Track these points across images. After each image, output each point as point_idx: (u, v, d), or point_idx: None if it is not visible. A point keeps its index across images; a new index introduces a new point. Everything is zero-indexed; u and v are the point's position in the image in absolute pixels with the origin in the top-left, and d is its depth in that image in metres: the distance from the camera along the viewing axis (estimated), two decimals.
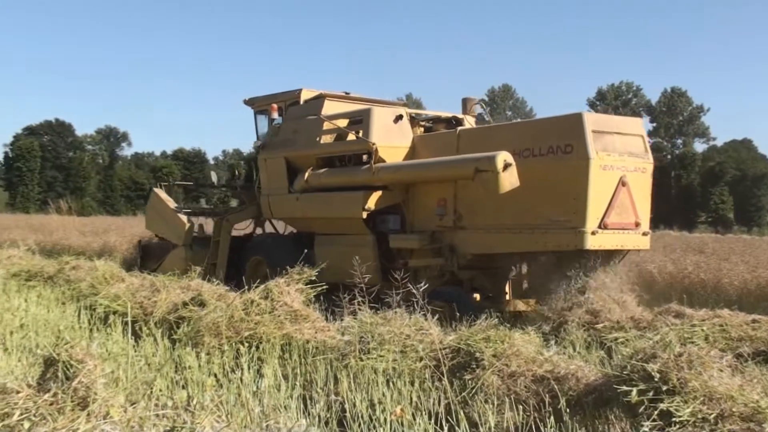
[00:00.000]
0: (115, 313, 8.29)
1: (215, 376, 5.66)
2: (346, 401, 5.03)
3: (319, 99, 11.90)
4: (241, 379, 5.33)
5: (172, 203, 14.03)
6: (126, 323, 7.45)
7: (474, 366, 5.36)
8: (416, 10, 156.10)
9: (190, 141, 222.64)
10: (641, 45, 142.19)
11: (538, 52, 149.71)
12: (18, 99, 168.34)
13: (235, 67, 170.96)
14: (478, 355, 5.42)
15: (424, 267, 9.87)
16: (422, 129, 11.41)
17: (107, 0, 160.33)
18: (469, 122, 11.78)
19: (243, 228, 13.90)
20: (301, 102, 12.29)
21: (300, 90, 12.39)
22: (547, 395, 4.90)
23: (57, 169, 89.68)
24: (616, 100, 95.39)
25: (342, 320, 6.84)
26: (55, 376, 3.41)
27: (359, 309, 6.57)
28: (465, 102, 12.14)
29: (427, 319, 6.18)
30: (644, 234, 9.15)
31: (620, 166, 8.67)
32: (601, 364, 5.88)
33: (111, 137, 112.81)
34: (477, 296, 9.84)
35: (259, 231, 14.08)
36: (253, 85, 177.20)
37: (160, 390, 4.96)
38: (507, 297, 10.06)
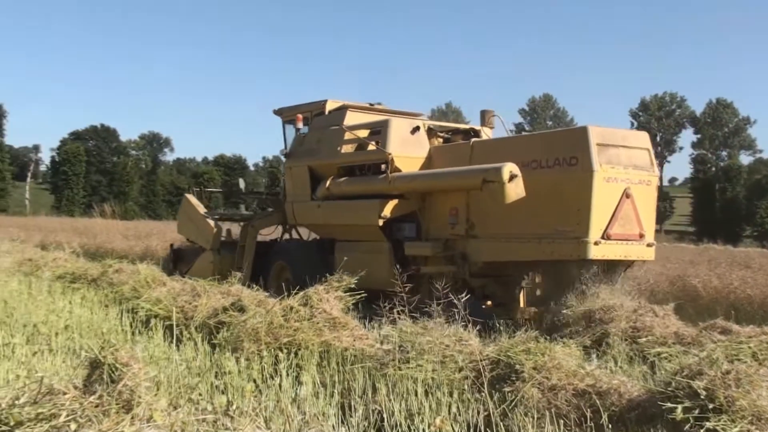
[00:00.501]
0: (156, 316, 8.38)
1: (254, 381, 5.68)
2: (384, 410, 5.00)
3: (342, 110, 12.25)
4: (280, 386, 5.34)
5: (201, 208, 14.37)
6: (167, 327, 7.53)
7: (514, 378, 5.30)
8: (457, 19, 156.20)
9: (230, 147, 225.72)
10: (686, 55, 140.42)
11: (581, 61, 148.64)
12: (65, 105, 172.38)
13: (279, 76, 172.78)
14: (518, 367, 5.36)
15: (438, 274, 9.95)
16: (441, 140, 11.67)
17: (151, 12, 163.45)
18: (486, 134, 12.01)
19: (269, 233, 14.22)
20: (326, 112, 12.57)
21: (325, 101, 12.68)
22: (588, 410, 4.82)
23: (101, 173, 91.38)
24: (659, 110, 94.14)
25: (380, 328, 6.84)
26: (100, 379, 3.44)
27: (399, 318, 6.56)
28: (483, 114, 12.38)
29: (467, 329, 6.14)
30: (649, 245, 9.28)
31: (624, 178, 8.86)
32: (643, 380, 5.78)
33: (154, 143, 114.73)
34: (489, 303, 10.06)
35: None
36: (295, 94, 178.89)
37: (200, 394, 4.98)
38: (521, 304, 10.19)
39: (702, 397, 4.25)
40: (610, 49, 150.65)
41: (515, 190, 8.78)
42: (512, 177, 8.77)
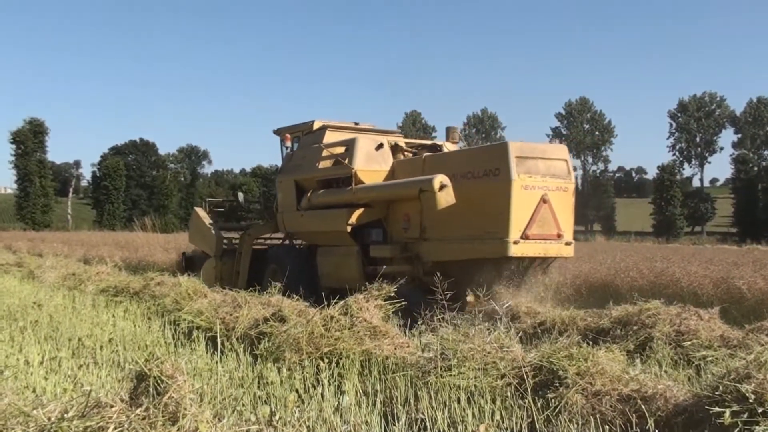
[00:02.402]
0: (198, 328, 8.46)
1: (297, 391, 5.69)
2: (426, 419, 4.98)
3: (323, 129, 13.65)
4: (322, 396, 5.35)
5: (207, 219, 15.75)
6: (209, 338, 7.59)
7: (557, 384, 5.24)
8: (493, 23, 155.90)
9: (268, 158, 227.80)
10: (725, 54, 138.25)
11: (618, 63, 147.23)
12: (105, 120, 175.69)
13: (314, 89, 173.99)
14: (561, 373, 5.29)
15: (399, 273, 10.71)
16: (410, 155, 12.83)
17: (187, 30, 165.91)
18: (449, 148, 13.27)
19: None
20: (313, 131, 13.98)
21: (313, 121, 14.06)
22: (634, 415, 4.76)
23: (141, 187, 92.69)
24: (698, 111, 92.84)
25: (421, 336, 6.84)
26: (146, 391, 3.48)
27: (439, 325, 6.55)
28: (448, 130, 13.91)
29: (509, 336, 6.11)
30: (567, 244, 10.44)
31: (542, 186, 10.04)
32: (689, 384, 5.68)
33: (192, 156, 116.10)
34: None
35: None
36: (328, 107, 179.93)
37: (243, 405, 5.01)
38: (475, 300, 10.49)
39: (751, 400, 4.16)
40: (647, 49, 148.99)
41: (445, 198, 10.01)
42: (442, 186, 10.01)
